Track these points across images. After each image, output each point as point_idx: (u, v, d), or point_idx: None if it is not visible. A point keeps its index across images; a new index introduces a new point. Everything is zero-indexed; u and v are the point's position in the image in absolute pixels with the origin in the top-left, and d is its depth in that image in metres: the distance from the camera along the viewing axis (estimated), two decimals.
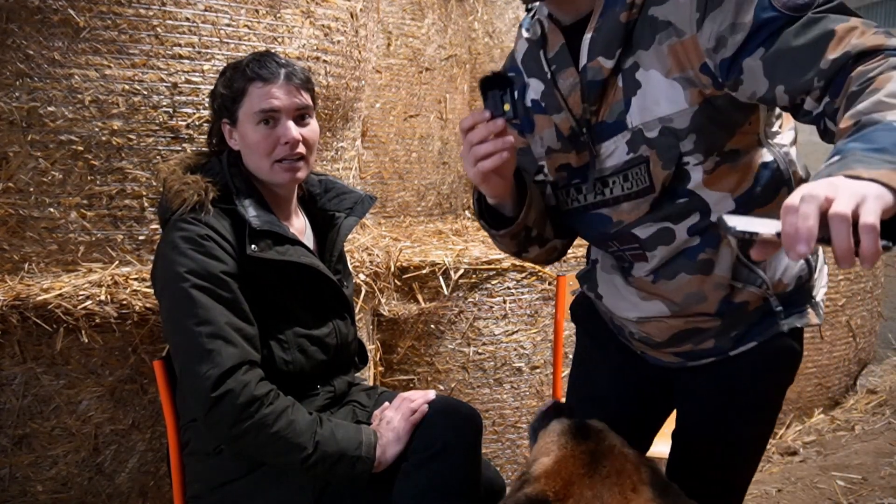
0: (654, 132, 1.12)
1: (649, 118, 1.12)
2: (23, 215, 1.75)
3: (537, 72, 1.25)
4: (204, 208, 1.41)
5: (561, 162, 1.27)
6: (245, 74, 1.47)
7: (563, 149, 1.25)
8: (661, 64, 1.09)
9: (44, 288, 1.69)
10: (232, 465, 1.44)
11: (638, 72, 1.12)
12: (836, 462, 2.71)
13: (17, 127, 1.70)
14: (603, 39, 1.12)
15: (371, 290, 2.33)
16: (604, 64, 1.13)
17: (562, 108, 1.22)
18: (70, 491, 1.79)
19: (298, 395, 1.52)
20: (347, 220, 1.66)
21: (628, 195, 1.19)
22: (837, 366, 3.49)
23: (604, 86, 1.15)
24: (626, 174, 1.18)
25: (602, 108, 1.18)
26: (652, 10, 1.09)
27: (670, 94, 1.10)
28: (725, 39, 1.02)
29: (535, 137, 1.29)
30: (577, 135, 1.21)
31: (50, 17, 1.68)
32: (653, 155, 1.14)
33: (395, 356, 2.66)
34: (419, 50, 3.56)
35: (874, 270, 3.56)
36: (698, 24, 1.04)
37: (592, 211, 1.25)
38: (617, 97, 1.15)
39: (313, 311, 1.55)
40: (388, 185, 3.52)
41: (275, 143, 1.47)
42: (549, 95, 1.23)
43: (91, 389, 1.76)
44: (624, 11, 1.09)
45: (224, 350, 1.32)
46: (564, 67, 1.18)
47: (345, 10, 2.16)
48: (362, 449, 1.38)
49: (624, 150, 1.17)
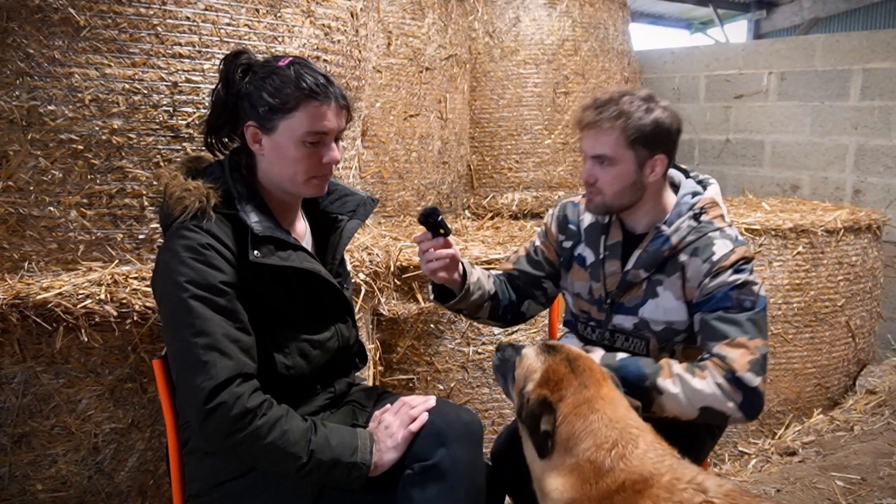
0: (659, 328, 1.70)
1: (659, 319, 1.69)
2: (23, 214, 1.75)
3: (593, 246, 1.78)
4: (206, 215, 1.40)
5: (584, 308, 1.83)
6: (300, 88, 1.41)
7: (589, 301, 1.80)
8: (674, 290, 1.67)
9: (43, 287, 1.69)
10: (231, 464, 1.45)
11: (659, 286, 1.68)
12: (835, 462, 2.71)
13: (17, 126, 1.70)
14: (646, 259, 1.68)
15: (371, 290, 2.33)
16: (640, 274, 1.69)
17: (600, 281, 1.76)
18: (69, 490, 1.79)
19: (299, 398, 1.52)
20: (350, 224, 1.65)
21: (626, 349, 1.73)
22: (837, 366, 3.49)
23: (633, 285, 1.71)
24: (629, 338, 1.74)
25: (625, 295, 1.73)
26: (682, 257, 1.65)
27: (676, 309, 1.68)
28: (701, 294, 1.63)
29: (569, 276, 1.85)
30: (602, 302, 1.77)
31: (50, 16, 1.68)
32: (653, 339, 1.71)
33: (394, 356, 2.66)
34: (419, 49, 3.56)
35: (874, 271, 3.56)
36: (700, 282, 1.63)
37: (596, 344, 1.78)
38: (639, 293, 1.71)
39: (315, 315, 1.55)
40: (388, 185, 3.52)
41: (317, 162, 1.46)
42: (595, 268, 1.77)
43: (90, 388, 1.76)
44: (666, 249, 1.66)
45: (219, 362, 1.31)
46: (614, 258, 1.73)
47: (345, 9, 2.16)
48: (357, 455, 1.38)
49: (631, 324, 1.73)
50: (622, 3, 4.48)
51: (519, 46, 4.14)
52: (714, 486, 1.21)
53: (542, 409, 1.35)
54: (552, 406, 1.35)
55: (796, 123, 4.88)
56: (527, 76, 4.14)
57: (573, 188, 4.23)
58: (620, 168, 1.62)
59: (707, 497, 1.18)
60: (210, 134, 1.55)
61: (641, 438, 1.32)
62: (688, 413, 1.53)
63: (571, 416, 1.34)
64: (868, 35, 4.64)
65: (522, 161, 4.18)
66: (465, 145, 4.06)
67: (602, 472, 1.27)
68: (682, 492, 1.20)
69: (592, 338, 1.81)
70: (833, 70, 4.67)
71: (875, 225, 3.52)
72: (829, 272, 3.35)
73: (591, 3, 4.25)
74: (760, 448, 3.16)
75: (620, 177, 1.62)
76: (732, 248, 1.61)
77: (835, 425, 3.20)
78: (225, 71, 1.49)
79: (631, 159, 1.61)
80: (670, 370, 1.55)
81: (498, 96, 4.17)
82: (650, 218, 1.70)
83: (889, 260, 4.02)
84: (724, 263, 1.59)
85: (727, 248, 1.61)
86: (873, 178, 4.55)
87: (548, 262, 1.89)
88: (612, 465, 1.27)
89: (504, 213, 4.10)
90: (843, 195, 4.69)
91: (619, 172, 1.62)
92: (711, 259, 1.60)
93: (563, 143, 4.21)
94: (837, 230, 3.32)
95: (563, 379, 1.38)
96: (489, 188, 4.21)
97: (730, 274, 1.58)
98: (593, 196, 1.68)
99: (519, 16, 4.14)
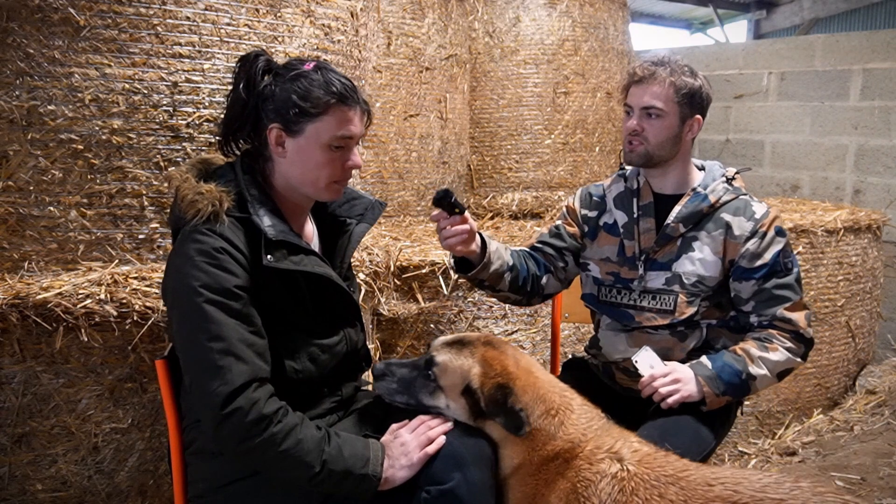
0: (691, 280, 1.81)
1: (690, 272, 1.80)
2: (23, 214, 1.75)
3: (626, 208, 1.90)
4: (219, 219, 1.39)
5: (613, 270, 1.91)
6: (331, 93, 1.41)
7: (619, 262, 1.90)
8: (713, 245, 1.80)
9: (43, 286, 1.69)
10: (237, 465, 1.44)
11: (695, 242, 1.81)
12: (834, 462, 2.71)
13: (18, 125, 1.70)
14: (686, 214, 1.81)
15: (371, 290, 2.33)
16: (679, 228, 1.82)
17: (634, 239, 1.87)
18: (69, 490, 1.79)
19: (306, 401, 1.51)
20: (359, 227, 1.65)
21: (651, 309, 1.85)
22: (836, 366, 3.49)
23: (670, 239, 1.83)
24: (656, 296, 1.85)
25: (661, 251, 1.84)
26: (725, 216, 1.80)
27: (713, 264, 1.80)
28: (749, 258, 1.77)
29: (594, 245, 1.96)
30: (636, 259, 1.87)
31: (50, 16, 1.68)
32: (682, 294, 1.82)
33: (394, 356, 2.66)
34: (419, 49, 3.56)
35: (874, 271, 3.56)
36: (746, 240, 1.77)
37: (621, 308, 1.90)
38: (673, 249, 1.83)
39: (324, 319, 1.54)
40: (387, 185, 3.52)
41: (340, 167, 1.46)
42: (629, 227, 1.89)
43: (90, 388, 1.76)
44: (705, 206, 1.81)
45: (234, 367, 1.31)
46: (648, 216, 1.86)
47: (345, 9, 2.16)
48: (369, 467, 1.37)
49: (661, 281, 1.83)
50: (622, 3, 4.48)
51: (519, 46, 4.14)
52: (629, 454, 1.33)
53: (503, 393, 1.42)
54: (510, 386, 1.43)
55: (796, 123, 4.89)
56: (527, 76, 4.14)
57: (573, 188, 4.23)
58: (667, 121, 1.78)
59: (622, 465, 1.30)
60: (228, 135, 1.52)
61: (574, 401, 1.44)
62: (772, 384, 1.78)
63: (522, 390, 1.43)
64: (868, 35, 4.65)
65: (522, 161, 4.18)
66: (465, 145, 4.06)
67: (546, 439, 1.39)
68: (601, 462, 1.33)
69: (619, 300, 1.90)
70: (833, 70, 4.68)
71: (875, 225, 3.52)
72: (829, 272, 3.35)
73: (591, 3, 4.25)
74: (760, 448, 3.16)
75: (666, 128, 1.78)
76: (767, 209, 1.81)
77: (835, 425, 3.20)
78: (246, 72, 1.46)
79: (676, 114, 1.78)
80: (751, 356, 1.74)
81: (498, 96, 4.17)
82: (678, 180, 1.86)
83: (889, 260, 4.02)
84: (766, 221, 1.78)
85: (765, 209, 1.81)
86: (873, 178, 4.55)
87: (570, 235, 1.99)
88: (555, 432, 1.38)
89: (504, 213, 4.10)
90: (843, 195, 4.69)
91: (666, 125, 1.78)
92: (754, 217, 1.78)
93: (563, 143, 4.21)
94: (837, 230, 3.32)
95: (500, 361, 1.46)
96: (489, 188, 4.21)
97: (773, 237, 1.77)
98: (637, 145, 1.81)
99: (519, 16, 4.14)
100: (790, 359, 1.75)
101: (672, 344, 1.85)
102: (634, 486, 1.28)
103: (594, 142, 4.30)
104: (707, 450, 1.72)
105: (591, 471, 1.32)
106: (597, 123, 4.29)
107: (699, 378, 1.71)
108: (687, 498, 1.23)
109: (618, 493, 1.28)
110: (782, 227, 1.80)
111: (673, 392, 1.69)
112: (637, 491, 1.27)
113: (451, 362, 1.47)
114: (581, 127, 4.24)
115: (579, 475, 1.32)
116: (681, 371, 1.73)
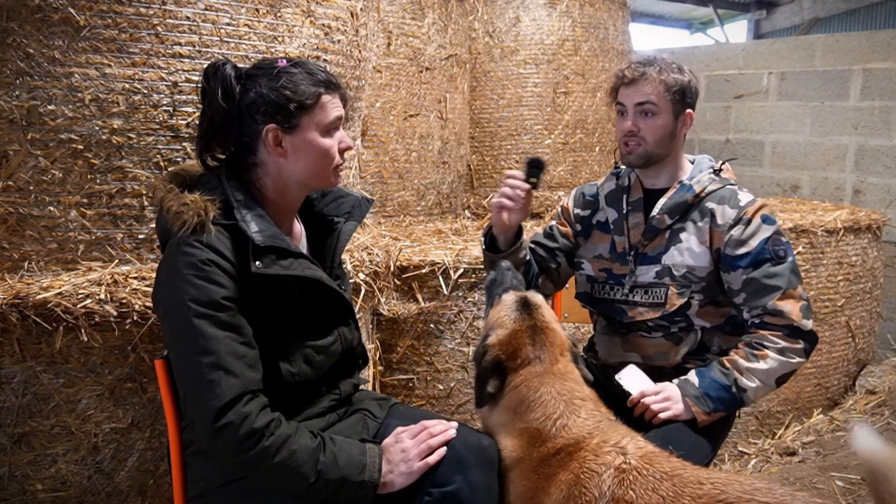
0: (680, 272, 1.81)
1: (679, 263, 1.80)
2: (23, 214, 1.75)
3: (616, 205, 1.92)
4: (205, 229, 1.38)
5: (605, 266, 1.93)
6: (317, 81, 1.44)
7: (611, 259, 1.92)
8: (699, 235, 1.80)
9: (43, 286, 1.69)
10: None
11: (682, 233, 1.82)
12: (834, 462, 2.71)
13: (17, 125, 1.70)
14: (671, 205, 1.82)
15: (371, 290, 2.33)
16: (665, 220, 1.82)
17: (624, 234, 1.88)
18: (69, 490, 1.79)
19: (304, 402, 1.51)
20: (347, 226, 1.64)
21: (643, 304, 1.85)
22: (836, 366, 3.49)
23: (657, 232, 1.83)
24: (648, 290, 1.85)
25: (650, 245, 1.85)
26: (710, 205, 1.80)
27: (700, 254, 1.80)
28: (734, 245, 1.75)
29: (588, 244, 1.97)
30: (626, 254, 1.88)
31: (50, 16, 1.68)
32: (672, 286, 1.81)
33: (394, 355, 2.66)
34: (419, 49, 3.56)
35: (873, 271, 3.56)
36: (730, 228, 1.76)
37: (614, 305, 1.91)
38: (662, 242, 1.84)
39: (317, 321, 1.54)
40: (387, 185, 3.52)
41: (340, 150, 1.50)
42: (619, 223, 1.90)
43: (90, 388, 1.76)
44: (690, 196, 1.81)
45: (224, 381, 1.31)
46: (637, 211, 1.87)
47: (345, 9, 2.16)
48: (365, 474, 1.38)
49: (652, 275, 1.84)
50: (622, 3, 4.49)
51: (519, 46, 4.14)
52: (633, 449, 1.37)
53: (494, 371, 1.49)
54: (504, 371, 1.49)
55: (796, 123, 4.89)
56: (527, 76, 4.15)
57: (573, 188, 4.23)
58: (662, 118, 1.79)
59: (625, 458, 1.34)
60: (207, 148, 1.48)
61: (583, 408, 1.47)
62: (770, 391, 1.76)
63: (523, 387, 1.47)
64: (868, 35, 4.65)
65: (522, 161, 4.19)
66: (465, 145, 4.06)
67: (546, 438, 1.43)
68: (606, 454, 1.36)
69: (612, 296, 1.91)
70: (833, 70, 4.68)
71: (875, 225, 3.52)
72: (829, 272, 3.35)
73: (591, 3, 4.25)
74: (760, 448, 3.16)
75: (662, 126, 1.79)
76: (753, 198, 1.81)
77: (835, 425, 3.20)
78: (219, 82, 1.42)
79: (670, 110, 1.79)
80: (739, 369, 1.71)
81: (498, 96, 4.17)
82: (669, 174, 1.87)
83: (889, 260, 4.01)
84: (750, 209, 1.76)
85: (750, 198, 1.80)
86: (873, 178, 4.55)
87: (563, 235, 2.02)
88: (556, 433, 1.43)
89: None
90: (843, 195, 4.69)
91: (661, 122, 1.79)
92: (739, 205, 1.77)
93: (563, 143, 4.21)
94: (837, 230, 3.32)
95: (522, 349, 1.50)
96: (489, 188, 4.21)
97: (759, 224, 1.75)
98: (635, 147, 1.81)
99: (519, 16, 4.15)
100: (785, 363, 1.70)
101: (667, 348, 1.85)
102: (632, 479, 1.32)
103: (594, 142, 4.30)
104: (708, 457, 1.72)
105: (597, 462, 1.35)
106: (597, 123, 4.30)
107: (686, 399, 1.70)
108: (678, 494, 1.26)
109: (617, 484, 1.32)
110: (770, 216, 1.77)
111: (664, 409, 1.69)
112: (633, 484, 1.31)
113: (503, 306, 1.57)
114: (581, 127, 4.24)
115: (584, 466, 1.35)
116: (670, 390, 1.72)
